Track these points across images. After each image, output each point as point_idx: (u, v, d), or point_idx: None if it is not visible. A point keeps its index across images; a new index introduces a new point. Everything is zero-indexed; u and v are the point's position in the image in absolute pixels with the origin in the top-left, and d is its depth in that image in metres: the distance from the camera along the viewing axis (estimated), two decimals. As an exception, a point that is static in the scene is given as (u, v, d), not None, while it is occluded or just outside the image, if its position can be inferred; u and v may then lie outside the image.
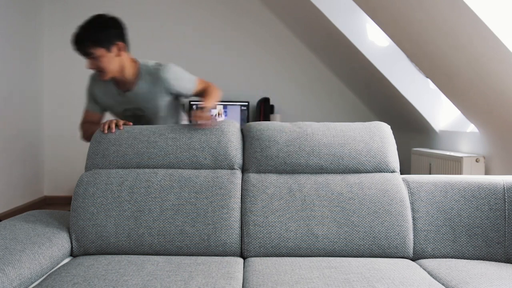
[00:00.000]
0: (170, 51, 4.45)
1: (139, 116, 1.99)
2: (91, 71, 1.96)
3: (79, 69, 4.37)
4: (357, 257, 1.55)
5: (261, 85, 4.48)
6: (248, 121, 4.21)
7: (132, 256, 1.49)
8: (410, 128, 3.90)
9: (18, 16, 3.81)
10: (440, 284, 1.31)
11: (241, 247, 1.57)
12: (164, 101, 1.94)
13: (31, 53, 4.08)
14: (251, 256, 1.56)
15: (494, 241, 1.56)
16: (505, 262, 1.55)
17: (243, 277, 1.35)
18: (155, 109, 1.95)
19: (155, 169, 1.67)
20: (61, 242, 1.47)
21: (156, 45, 4.44)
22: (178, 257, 1.50)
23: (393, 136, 1.83)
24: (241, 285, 1.29)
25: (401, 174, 1.81)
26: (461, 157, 2.70)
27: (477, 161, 2.67)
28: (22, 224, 1.48)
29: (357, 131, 1.77)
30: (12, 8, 3.70)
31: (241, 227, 1.57)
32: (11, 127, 3.70)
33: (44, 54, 4.32)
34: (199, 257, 1.49)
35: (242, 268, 1.44)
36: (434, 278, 1.38)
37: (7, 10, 3.62)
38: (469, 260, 1.53)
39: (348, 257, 1.54)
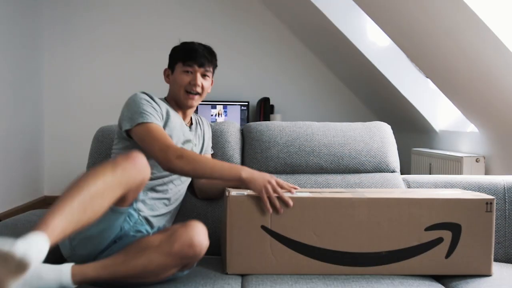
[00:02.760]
0: (169, 51, 4.44)
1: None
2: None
3: (80, 69, 4.38)
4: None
5: (261, 85, 4.48)
6: (248, 121, 4.21)
7: (132, 256, 1.49)
8: (410, 128, 3.90)
9: (18, 16, 3.81)
10: (440, 284, 1.31)
11: (241, 247, 1.57)
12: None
13: (31, 52, 4.08)
14: (252, 256, 1.55)
15: (494, 241, 1.55)
16: (505, 262, 1.55)
17: (242, 276, 1.35)
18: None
19: (155, 169, 1.67)
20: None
21: (156, 45, 4.44)
22: (179, 257, 1.49)
23: (393, 136, 1.83)
24: (240, 285, 1.29)
25: (401, 174, 1.81)
26: (461, 157, 2.70)
27: (477, 161, 2.67)
28: (24, 223, 1.48)
29: (357, 131, 1.77)
30: (12, 8, 3.70)
31: (242, 227, 1.57)
32: (11, 127, 3.70)
33: (44, 53, 4.32)
34: (199, 257, 1.49)
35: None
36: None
37: (7, 9, 3.62)
38: (469, 260, 1.53)
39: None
